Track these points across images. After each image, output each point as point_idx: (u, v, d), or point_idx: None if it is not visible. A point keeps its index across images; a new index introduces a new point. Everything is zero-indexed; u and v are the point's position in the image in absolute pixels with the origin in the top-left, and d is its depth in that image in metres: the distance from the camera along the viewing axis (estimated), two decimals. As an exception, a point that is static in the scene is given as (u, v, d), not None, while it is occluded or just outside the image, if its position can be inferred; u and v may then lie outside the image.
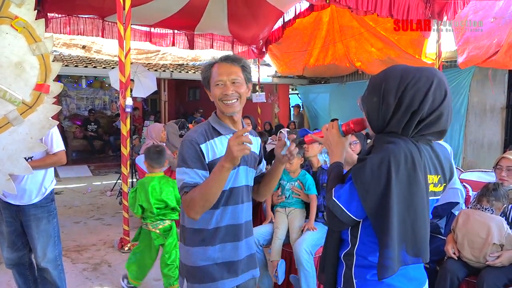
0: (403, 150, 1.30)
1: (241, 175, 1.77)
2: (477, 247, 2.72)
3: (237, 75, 1.72)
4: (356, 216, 1.36)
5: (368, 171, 1.30)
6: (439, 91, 1.33)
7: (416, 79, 1.33)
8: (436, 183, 1.42)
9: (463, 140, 7.82)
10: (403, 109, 1.33)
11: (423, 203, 1.33)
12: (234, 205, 1.76)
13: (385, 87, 1.37)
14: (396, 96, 1.34)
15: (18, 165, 2.23)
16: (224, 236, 1.76)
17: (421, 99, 1.32)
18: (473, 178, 4.26)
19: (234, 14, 7.30)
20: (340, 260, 1.48)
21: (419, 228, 1.34)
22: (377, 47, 7.16)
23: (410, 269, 1.40)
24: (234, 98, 1.71)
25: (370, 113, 1.43)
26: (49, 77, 2.24)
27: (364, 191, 1.31)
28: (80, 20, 6.65)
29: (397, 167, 1.27)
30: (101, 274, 3.92)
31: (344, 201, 1.36)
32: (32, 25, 2.16)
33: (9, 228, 2.77)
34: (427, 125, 1.35)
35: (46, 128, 2.28)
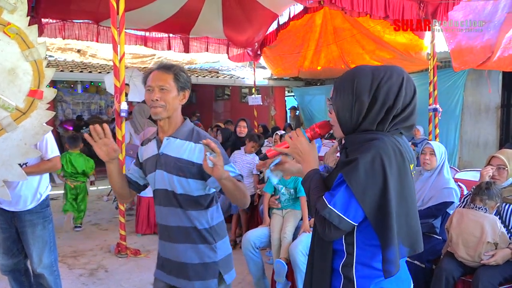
0: (389, 144, 1.30)
1: (159, 179, 1.88)
2: (471, 246, 2.73)
3: (165, 82, 1.81)
4: (355, 221, 1.31)
5: (361, 171, 1.27)
6: (409, 86, 1.36)
7: (388, 76, 1.35)
8: (412, 171, 1.43)
9: (458, 140, 7.86)
10: (378, 106, 1.34)
11: (412, 193, 1.35)
12: (158, 205, 1.96)
13: (357, 86, 1.36)
14: (370, 94, 1.35)
15: (13, 171, 2.23)
16: (160, 232, 2.00)
17: (395, 95, 1.34)
18: (468, 177, 4.28)
19: (229, 18, 7.32)
20: (337, 272, 1.39)
21: (411, 218, 1.34)
22: (369, 49, 7.18)
23: (400, 269, 1.37)
24: (158, 105, 1.80)
25: (342, 114, 1.40)
26: (43, 83, 2.24)
27: (361, 192, 1.27)
28: (75, 25, 6.65)
29: (389, 162, 1.27)
30: (98, 280, 3.91)
31: (341, 207, 1.29)
32: (25, 31, 2.17)
33: (4, 235, 2.76)
34: (401, 120, 1.37)
35: (40, 134, 2.28)
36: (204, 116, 13.81)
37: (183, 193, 1.84)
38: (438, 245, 3.19)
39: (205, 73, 11.69)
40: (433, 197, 3.30)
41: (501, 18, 5.08)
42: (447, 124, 7.60)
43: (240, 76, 11.81)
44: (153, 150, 1.92)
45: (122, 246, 4.50)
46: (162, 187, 1.88)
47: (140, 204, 5.37)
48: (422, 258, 3.05)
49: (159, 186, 1.90)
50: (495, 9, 5.11)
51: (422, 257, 3.05)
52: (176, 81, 1.84)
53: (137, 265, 4.27)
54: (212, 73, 11.76)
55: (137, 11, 6.34)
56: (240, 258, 4.07)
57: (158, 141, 1.92)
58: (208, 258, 1.89)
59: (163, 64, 1.89)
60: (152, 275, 3.91)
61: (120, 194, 2.03)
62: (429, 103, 5.66)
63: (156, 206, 1.97)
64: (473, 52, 5.54)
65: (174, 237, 1.90)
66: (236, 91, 13.49)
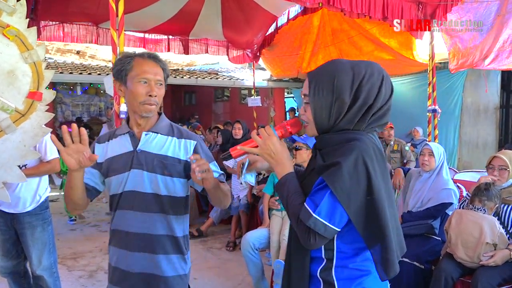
0: (369, 144, 1.26)
1: (134, 179, 1.65)
2: (470, 247, 2.73)
3: (161, 76, 1.66)
4: (339, 227, 1.25)
5: (345, 175, 1.20)
6: (388, 85, 1.33)
7: (370, 74, 1.30)
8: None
9: (458, 140, 7.86)
10: (358, 105, 1.29)
11: (392, 192, 1.32)
12: (127, 210, 1.67)
13: (337, 84, 1.29)
14: (351, 92, 1.29)
15: (12, 173, 2.23)
16: (116, 240, 1.71)
17: (376, 94, 1.29)
18: (467, 178, 4.29)
19: (229, 19, 7.32)
20: (315, 278, 1.34)
21: (396, 219, 1.31)
22: (367, 50, 7.19)
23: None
24: (155, 102, 1.64)
25: (319, 113, 1.32)
26: (42, 85, 2.25)
27: (347, 197, 1.21)
28: (74, 27, 6.64)
29: (372, 163, 1.23)
30: (97, 281, 3.91)
31: (326, 215, 1.23)
32: (24, 33, 2.17)
33: (4, 236, 2.77)
34: (378, 118, 1.33)
35: (39, 136, 2.28)
36: (204, 117, 13.82)
37: (167, 194, 1.66)
38: (437, 246, 3.19)
39: (205, 75, 11.70)
40: (432, 198, 3.31)
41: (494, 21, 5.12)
42: (446, 125, 7.61)
43: (240, 77, 11.82)
44: (126, 147, 1.69)
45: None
46: (138, 190, 1.65)
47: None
48: (421, 259, 3.06)
49: (133, 188, 1.66)
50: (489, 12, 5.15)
51: (421, 258, 3.06)
52: (165, 75, 1.69)
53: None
54: (211, 75, 11.77)
55: (137, 13, 6.35)
56: (239, 259, 4.09)
57: (133, 137, 1.70)
58: (181, 270, 1.72)
59: (155, 54, 1.70)
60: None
61: (78, 206, 1.71)
62: (428, 104, 5.67)
63: (122, 211, 1.69)
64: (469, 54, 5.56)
65: (134, 244, 1.67)
66: (235, 92, 13.50)
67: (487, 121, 7.64)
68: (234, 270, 4.12)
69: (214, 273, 4.11)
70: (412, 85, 8.41)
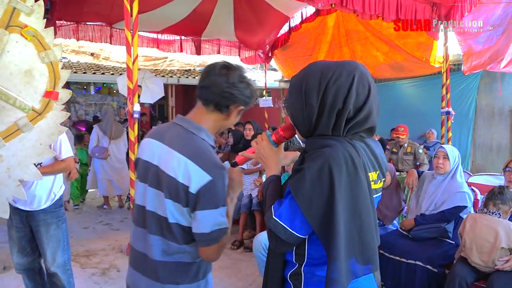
0: (341, 152, 1.19)
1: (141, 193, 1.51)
2: (485, 251, 2.70)
3: None
4: (302, 234, 1.23)
5: (308, 181, 1.18)
6: (361, 85, 1.24)
7: (337, 75, 1.23)
8: (376, 180, 1.33)
9: (471, 143, 7.77)
10: (327, 109, 1.23)
11: (367, 205, 1.22)
12: (134, 225, 1.56)
13: (305, 87, 1.27)
14: (318, 96, 1.24)
15: (28, 171, 2.26)
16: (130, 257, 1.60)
17: (344, 96, 1.22)
18: (481, 181, 4.23)
19: (241, 20, 7.34)
20: (286, 281, 1.34)
21: (366, 233, 1.22)
22: (383, 51, 7.14)
23: (361, 280, 1.28)
24: None
25: (295, 117, 1.32)
26: (58, 84, 2.28)
27: (307, 204, 1.18)
28: (89, 28, 6.73)
29: (339, 172, 1.17)
30: (110, 279, 3.94)
31: (287, 219, 1.22)
32: (41, 34, 2.21)
33: (19, 234, 2.80)
34: (357, 124, 1.25)
35: (55, 135, 2.31)
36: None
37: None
38: (451, 250, 3.16)
39: (217, 75, 11.73)
40: (445, 201, 3.27)
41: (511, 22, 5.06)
42: (460, 128, 7.53)
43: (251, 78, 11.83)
44: None
45: (134, 247, 4.52)
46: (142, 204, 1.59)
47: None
48: (434, 262, 3.03)
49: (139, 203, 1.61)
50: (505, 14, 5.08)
51: (434, 261, 3.03)
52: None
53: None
54: (223, 75, 11.80)
55: (150, 14, 6.40)
56: (251, 259, 4.09)
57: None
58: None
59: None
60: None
61: None
62: (442, 106, 5.61)
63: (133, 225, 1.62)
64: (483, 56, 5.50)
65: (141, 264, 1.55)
66: (247, 93, 13.51)
67: (502, 124, 7.53)
68: (245, 270, 4.12)
69: (225, 273, 4.12)
70: (426, 87, 8.33)
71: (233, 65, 1.53)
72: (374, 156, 1.33)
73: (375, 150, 1.35)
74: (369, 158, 1.31)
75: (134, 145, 4.48)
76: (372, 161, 1.32)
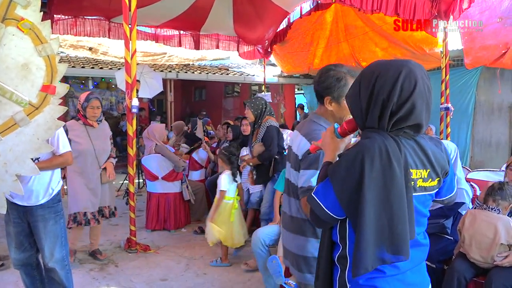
0: (377, 144, 1.28)
1: (287, 168, 2.07)
2: (484, 247, 2.70)
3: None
4: (335, 214, 1.35)
5: (342, 167, 1.32)
6: (408, 81, 1.31)
7: (385, 70, 1.33)
8: (425, 178, 1.38)
9: (470, 139, 7.77)
10: (373, 101, 1.33)
11: (401, 198, 1.28)
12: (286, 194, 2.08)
13: (361, 82, 1.39)
14: (368, 89, 1.35)
15: (25, 166, 2.25)
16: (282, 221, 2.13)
17: (389, 89, 1.31)
18: (481, 177, 4.22)
19: (240, 15, 7.30)
20: (335, 264, 1.44)
21: (396, 224, 1.28)
22: (382, 47, 7.11)
23: (408, 273, 1.36)
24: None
25: (353, 110, 1.44)
26: (55, 78, 2.25)
27: (339, 186, 1.32)
28: (87, 22, 6.68)
29: (371, 162, 1.26)
30: (108, 274, 3.94)
31: (322, 197, 1.37)
32: (38, 27, 2.18)
33: (17, 229, 2.79)
34: (401, 118, 1.32)
35: (52, 129, 2.29)
36: (213, 113, 13.83)
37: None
38: (450, 246, 3.15)
39: (215, 70, 11.69)
40: (444, 197, 3.26)
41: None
42: (459, 123, 7.52)
43: (250, 73, 11.79)
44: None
45: (132, 242, 4.52)
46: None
47: (150, 200, 5.40)
48: (433, 258, 3.02)
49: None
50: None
51: (433, 257, 3.02)
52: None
53: (146, 260, 4.29)
54: (222, 70, 11.76)
55: (149, 8, 6.36)
56: (250, 255, 4.09)
57: None
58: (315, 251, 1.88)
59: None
60: (161, 271, 3.94)
61: None
62: (441, 102, 5.59)
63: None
64: (487, 49, 5.46)
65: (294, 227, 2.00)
66: (245, 88, 13.49)
67: (501, 120, 7.53)
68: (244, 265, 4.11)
69: (224, 268, 4.11)
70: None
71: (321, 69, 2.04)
72: (425, 155, 1.38)
73: (427, 149, 1.39)
74: (417, 155, 1.36)
75: (133, 140, 4.46)
76: (422, 159, 1.37)
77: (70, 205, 3.94)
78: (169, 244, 4.80)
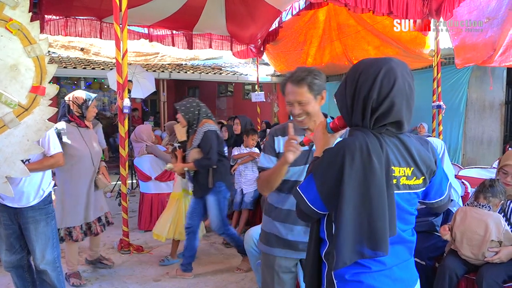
0: (358, 141, 1.31)
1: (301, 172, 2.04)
2: (475, 244, 2.71)
3: (302, 97, 1.98)
4: (318, 209, 1.37)
5: (324, 162, 1.36)
6: (387, 78, 1.33)
7: (367, 68, 1.36)
8: (409, 176, 1.39)
9: (462, 136, 7.82)
10: (356, 98, 1.36)
11: (380, 194, 1.29)
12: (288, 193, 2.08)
13: (347, 79, 1.42)
14: (353, 86, 1.38)
15: (15, 168, 2.23)
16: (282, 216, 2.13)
17: (369, 86, 1.33)
18: (472, 174, 4.25)
19: (232, 14, 7.30)
20: (322, 260, 1.45)
21: (376, 220, 1.28)
22: (374, 45, 7.14)
23: (395, 269, 1.37)
24: (302, 117, 2.03)
25: (340, 107, 1.47)
26: (45, 79, 2.24)
27: (320, 182, 1.35)
28: (78, 22, 6.63)
29: (351, 158, 1.29)
30: (101, 276, 3.92)
31: (305, 191, 1.40)
32: (27, 27, 2.17)
33: (7, 231, 2.77)
34: (381, 115, 1.34)
35: (42, 130, 2.28)
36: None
37: None
38: (439, 243, 3.16)
39: (208, 70, 11.67)
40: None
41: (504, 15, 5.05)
42: (451, 121, 7.57)
43: (243, 72, 11.79)
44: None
45: (125, 243, 4.51)
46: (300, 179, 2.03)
47: (143, 200, 5.38)
48: (423, 255, 3.03)
49: (297, 178, 2.05)
50: (499, 6, 5.08)
51: (423, 254, 3.04)
52: (311, 91, 1.98)
53: (140, 261, 4.28)
54: (215, 70, 11.75)
55: (140, 8, 6.33)
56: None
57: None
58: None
59: (295, 76, 1.99)
60: (154, 271, 3.93)
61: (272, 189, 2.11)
62: (433, 100, 5.63)
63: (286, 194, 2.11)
64: (476, 49, 5.51)
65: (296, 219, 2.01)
66: (239, 87, 13.48)
67: (492, 117, 7.59)
68: (237, 265, 4.12)
69: (217, 268, 4.11)
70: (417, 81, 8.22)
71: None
72: (409, 152, 1.39)
73: (411, 148, 1.40)
74: (400, 153, 1.38)
75: (125, 140, 4.45)
76: (405, 157, 1.38)
77: (65, 217, 3.53)
78: (162, 244, 4.79)
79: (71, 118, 3.52)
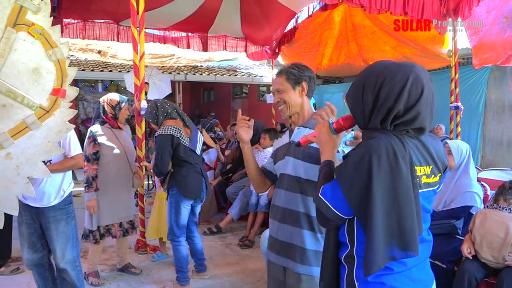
0: (383, 143, 1.29)
1: (286, 165, 2.02)
2: (495, 247, 2.67)
3: (280, 85, 2.05)
4: (343, 214, 1.36)
5: (350, 167, 1.33)
6: (415, 88, 1.32)
7: (392, 75, 1.33)
8: (429, 174, 1.40)
9: (481, 138, 7.69)
10: (379, 106, 1.34)
11: (408, 195, 1.29)
12: (278, 188, 2.06)
13: (364, 83, 1.38)
14: (373, 93, 1.35)
15: (37, 169, 2.28)
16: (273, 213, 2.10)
17: (396, 97, 1.32)
18: (492, 176, 4.18)
19: (247, 16, 7.32)
20: (342, 263, 1.45)
21: (405, 221, 1.29)
22: (391, 46, 7.08)
23: (414, 270, 1.37)
24: (280, 104, 2.07)
25: (353, 109, 1.44)
26: (66, 82, 2.28)
27: (347, 187, 1.32)
28: (96, 25, 6.75)
29: (378, 161, 1.27)
30: (118, 275, 3.97)
31: (329, 198, 1.37)
32: (48, 31, 2.21)
33: (29, 230, 2.83)
34: (405, 122, 1.34)
35: (63, 132, 2.32)
36: (222, 114, 13.86)
37: (307, 178, 1.93)
38: (460, 247, 3.12)
39: (223, 71, 11.72)
40: (454, 199, 3.23)
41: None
42: (469, 122, 7.45)
43: (258, 74, 11.80)
44: (285, 140, 2.13)
45: (142, 243, 4.55)
46: (288, 173, 2.01)
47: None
48: (443, 258, 3.00)
49: (285, 171, 2.03)
50: (519, 5, 4.99)
51: (443, 257, 3.00)
52: (288, 80, 2.04)
53: (156, 261, 4.32)
54: (230, 72, 11.79)
55: (157, 11, 6.41)
56: (258, 256, 4.10)
57: (290, 131, 2.12)
58: (309, 245, 1.94)
59: (279, 69, 2.06)
60: (171, 272, 3.95)
61: (256, 180, 2.18)
62: (450, 101, 5.55)
63: (276, 189, 2.10)
64: (494, 49, 5.42)
65: (286, 218, 2.00)
66: (254, 89, 13.49)
67: (512, 118, 7.45)
68: (253, 266, 4.13)
69: (233, 269, 4.13)
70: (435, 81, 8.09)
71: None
72: (428, 152, 1.40)
73: (430, 146, 1.41)
74: (421, 153, 1.38)
75: (142, 142, 4.50)
76: (425, 156, 1.39)
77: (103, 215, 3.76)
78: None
79: (106, 118, 3.71)
